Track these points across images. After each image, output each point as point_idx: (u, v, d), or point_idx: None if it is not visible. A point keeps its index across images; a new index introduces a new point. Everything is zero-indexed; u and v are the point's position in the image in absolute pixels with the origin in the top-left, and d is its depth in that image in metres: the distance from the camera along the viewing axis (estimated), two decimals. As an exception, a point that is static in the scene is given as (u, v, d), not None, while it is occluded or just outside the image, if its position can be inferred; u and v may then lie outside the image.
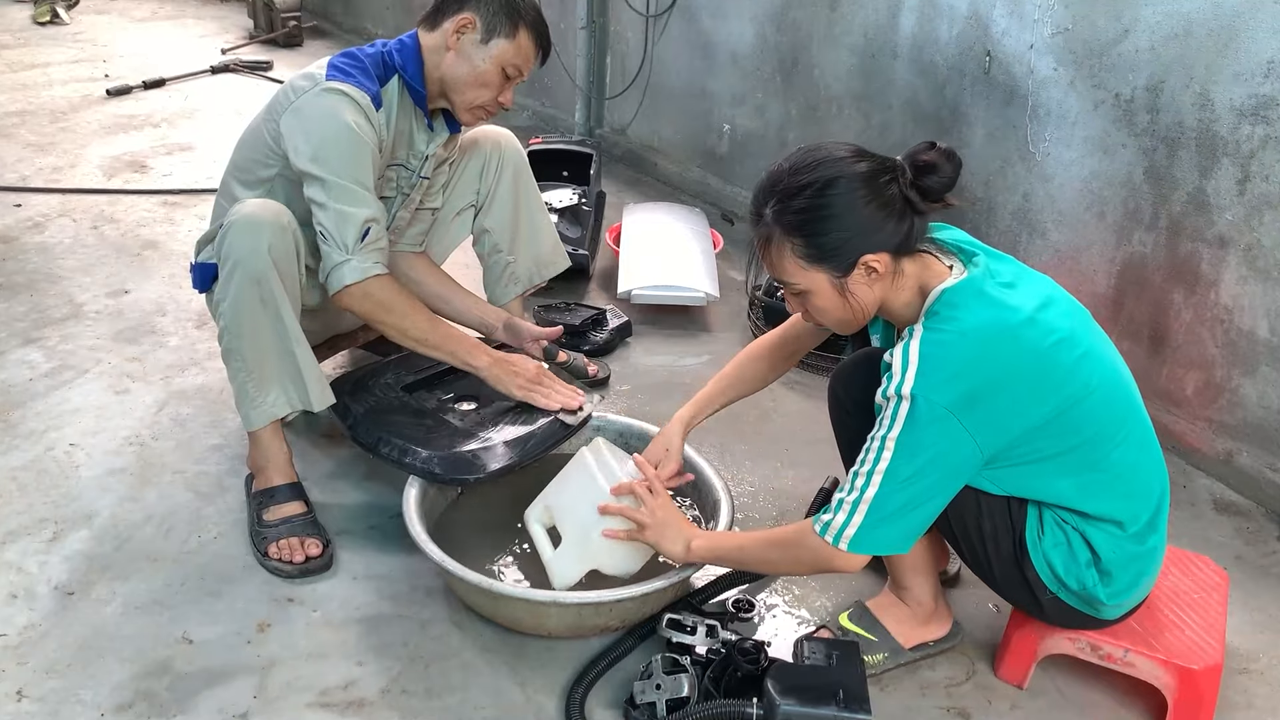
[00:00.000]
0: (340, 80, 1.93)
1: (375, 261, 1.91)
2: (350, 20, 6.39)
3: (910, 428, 1.38)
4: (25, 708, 1.56)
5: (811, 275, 1.46)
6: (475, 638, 1.74)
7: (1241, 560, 2.06)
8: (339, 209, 1.87)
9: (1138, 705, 1.66)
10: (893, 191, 1.42)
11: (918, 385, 1.37)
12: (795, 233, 1.44)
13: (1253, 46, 2.06)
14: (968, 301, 1.42)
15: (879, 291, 1.48)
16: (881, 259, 1.43)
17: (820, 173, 1.43)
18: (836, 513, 1.45)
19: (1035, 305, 1.43)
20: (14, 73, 5.14)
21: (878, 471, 1.41)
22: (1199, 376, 2.31)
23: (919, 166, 1.42)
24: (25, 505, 2.01)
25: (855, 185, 1.42)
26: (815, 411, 2.40)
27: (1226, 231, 2.18)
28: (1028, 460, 1.46)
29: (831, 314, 1.51)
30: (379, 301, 1.93)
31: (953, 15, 2.73)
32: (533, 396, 2.03)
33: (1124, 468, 1.49)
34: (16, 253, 3.13)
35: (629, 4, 3.97)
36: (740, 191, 3.69)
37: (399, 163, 2.14)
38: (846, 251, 1.43)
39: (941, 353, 1.38)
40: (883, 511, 1.41)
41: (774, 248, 1.47)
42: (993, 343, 1.39)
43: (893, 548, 1.46)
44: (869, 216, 1.41)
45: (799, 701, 1.45)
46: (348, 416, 1.97)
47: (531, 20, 2.03)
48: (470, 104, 2.06)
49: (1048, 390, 1.40)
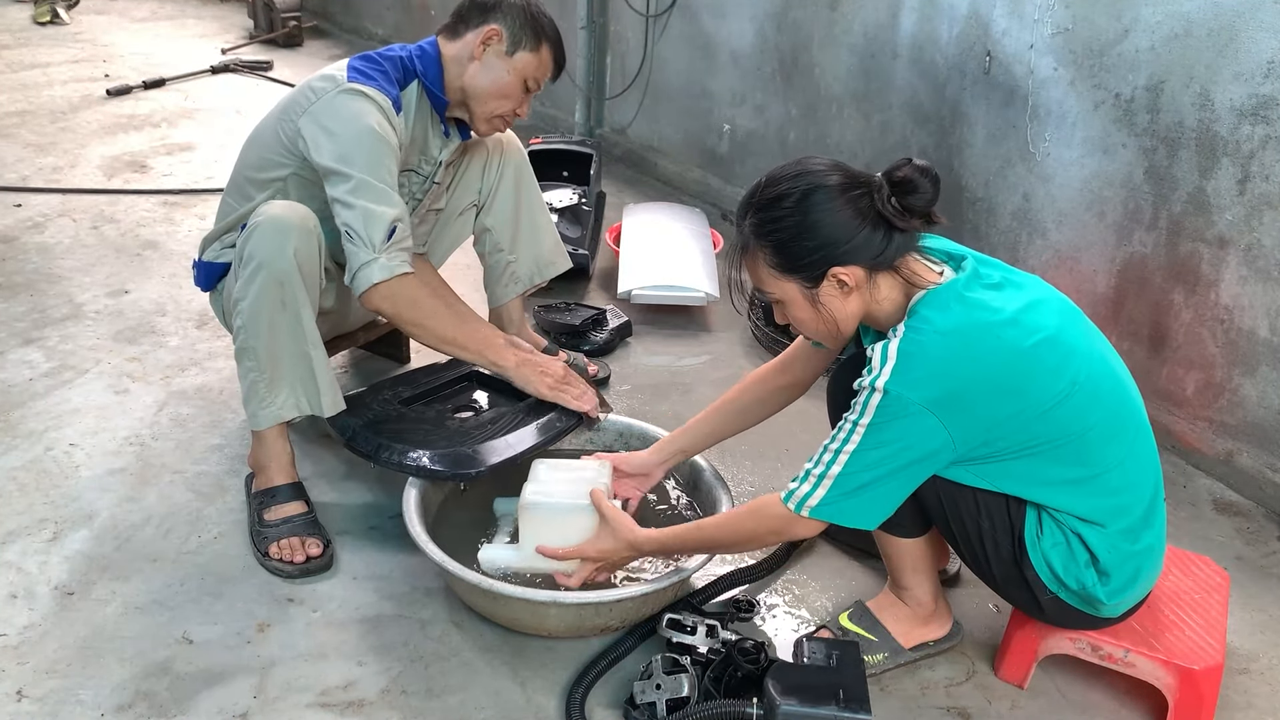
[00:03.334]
0: (362, 82, 1.94)
1: (403, 260, 1.90)
2: (350, 20, 6.39)
3: (879, 419, 1.41)
4: (25, 708, 1.56)
5: (784, 285, 1.50)
6: (475, 638, 1.74)
7: (1241, 560, 2.06)
8: (366, 207, 1.86)
9: (1138, 705, 1.66)
10: (865, 205, 1.44)
11: (891, 381, 1.40)
12: (766, 243, 1.48)
13: (1253, 46, 2.06)
14: (948, 303, 1.44)
15: (854, 305, 1.50)
16: (851, 272, 1.46)
17: (794, 184, 1.46)
18: (803, 483, 1.49)
19: (1019, 306, 1.44)
20: (14, 73, 5.14)
21: (844, 451, 1.44)
22: (1199, 376, 2.31)
23: (895, 182, 1.44)
24: (25, 505, 2.01)
25: (826, 198, 1.44)
26: (815, 411, 2.39)
27: (1226, 231, 2.18)
28: (1015, 456, 1.46)
29: (808, 324, 1.54)
30: (407, 300, 1.92)
31: (953, 15, 2.73)
32: (561, 396, 2.04)
33: (1113, 465, 1.49)
34: (16, 253, 3.13)
35: (629, 4, 3.97)
36: (740, 192, 3.65)
37: (412, 168, 2.16)
38: (815, 263, 1.46)
39: (919, 352, 1.40)
40: (845, 487, 1.45)
41: (749, 257, 1.52)
42: (971, 342, 1.41)
43: (855, 520, 1.48)
44: (838, 230, 1.44)
45: (799, 701, 1.45)
46: (346, 430, 1.97)
47: (552, 35, 2.07)
48: (490, 114, 2.08)
49: (1029, 388, 1.41)
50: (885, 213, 1.43)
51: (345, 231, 1.87)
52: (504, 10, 2.02)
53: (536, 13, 2.05)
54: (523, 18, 2.03)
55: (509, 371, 2.03)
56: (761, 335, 2.80)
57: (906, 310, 1.48)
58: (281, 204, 1.89)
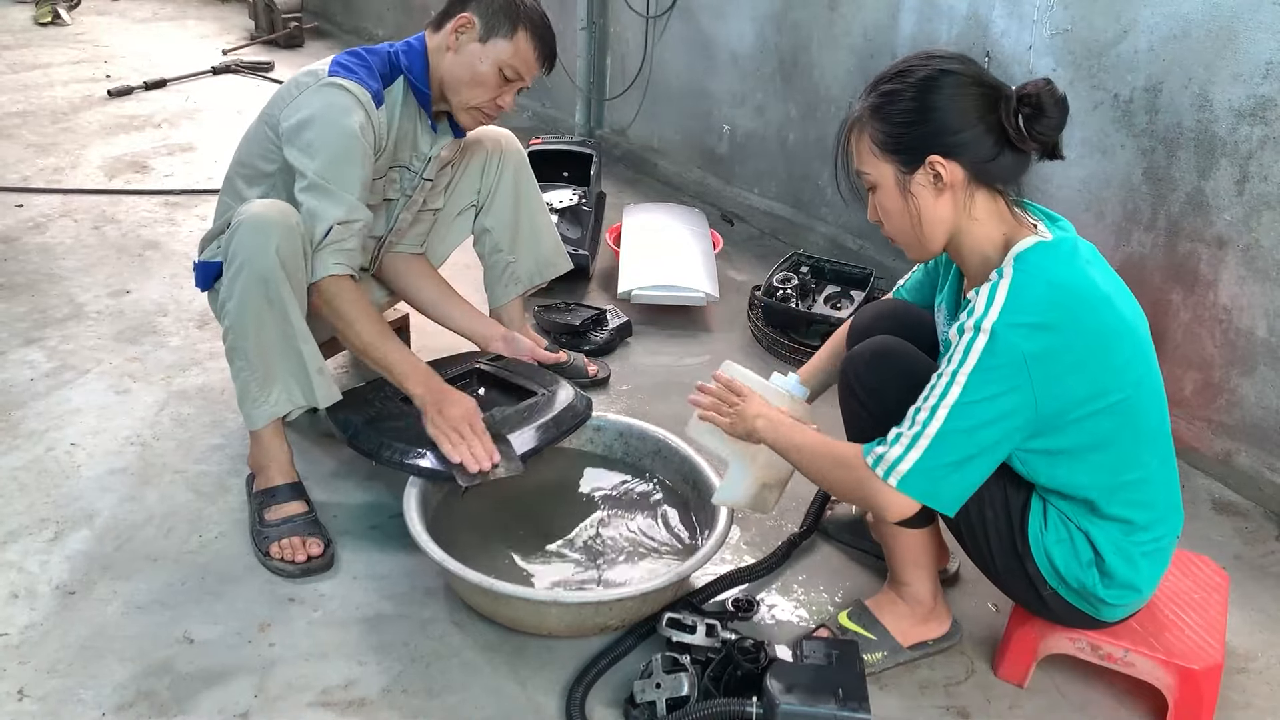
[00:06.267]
0: (342, 76, 1.94)
1: (336, 262, 1.90)
2: (351, 21, 6.39)
3: (986, 362, 1.33)
4: (26, 707, 1.56)
5: (880, 166, 1.45)
6: (476, 637, 1.75)
7: (1240, 560, 2.06)
8: (312, 206, 1.89)
9: (1138, 705, 1.66)
10: (986, 108, 1.39)
11: (1001, 320, 1.33)
12: (875, 116, 1.44)
13: (1251, 47, 2.07)
14: (1059, 259, 1.40)
15: (944, 209, 1.44)
16: (951, 168, 1.40)
17: (925, 64, 1.42)
18: (893, 445, 1.39)
19: (1111, 289, 1.42)
20: (15, 73, 5.14)
21: (944, 404, 1.35)
22: (1198, 376, 2.31)
23: (1023, 97, 1.39)
24: (26, 505, 2.01)
25: (950, 84, 1.40)
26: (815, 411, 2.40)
27: (1225, 232, 2.19)
28: (1059, 445, 1.42)
29: (894, 216, 1.47)
30: (330, 303, 1.93)
31: (952, 16, 2.73)
32: (439, 438, 1.87)
33: (1145, 473, 1.49)
34: (18, 253, 3.14)
35: (629, 5, 3.97)
36: (740, 192, 3.69)
37: (402, 164, 2.14)
38: (918, 145, 1.41)
39: (1031, 295, 1.35)
40: (941, 454, 1.35)
41: (855, 133, 1.47)
42: (1077, 303, 1.37)
43: (938, 500, 1.39)
44: (952, 118, 1.39)
45: (798, 700, 1.45)
46: (349, 428, 1.97)
47: (532, 23, 2.02)
48: (466, 104, 2.06)
49: (1105, 373, 1.39)
50: (1007, 125, 1.39)
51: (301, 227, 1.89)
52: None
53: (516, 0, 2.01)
54: (499, 4, 1.99)
55: (415, 400, 1.93)
56: (761, 335, 2.80)
57: (1007, 253, 1.41)
58: (263, 202, 1.90)
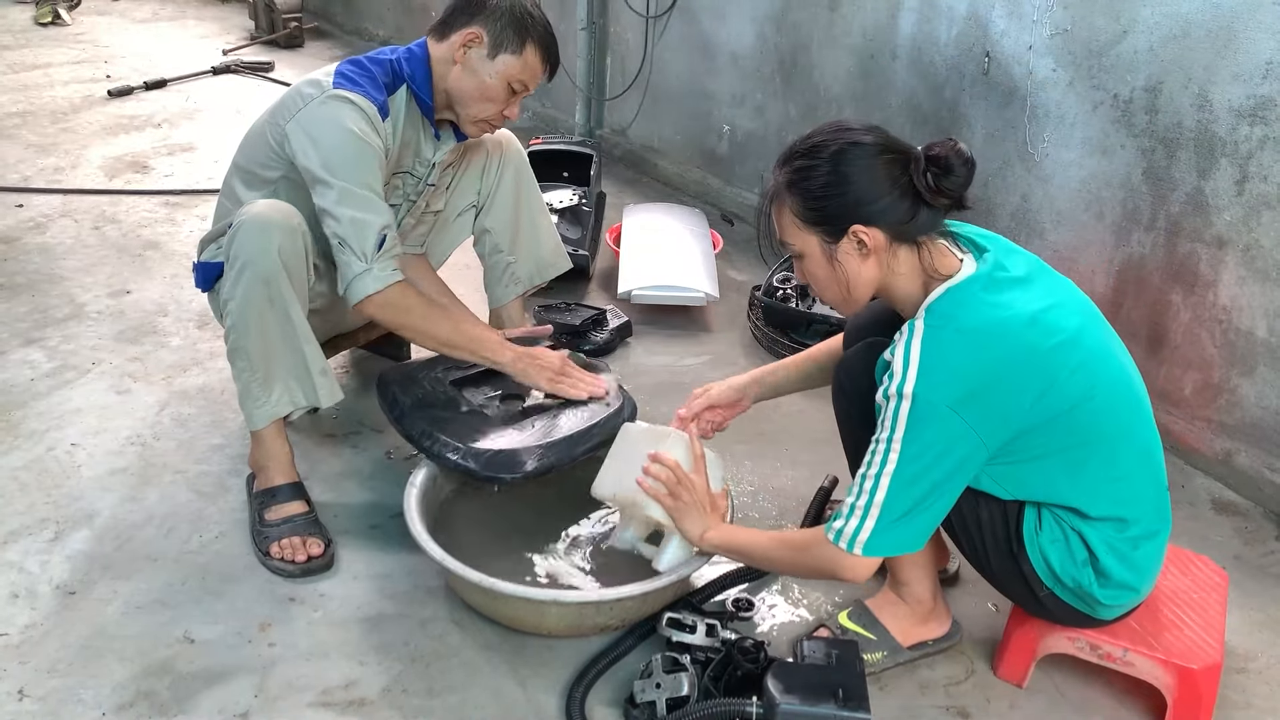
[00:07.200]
0: (347, 88, 1.94)
1: (394, 269, 1.92)
2: (351, 21, 6.40)
3: (913, 427, 1.39)
4: (26, 707, 1.56)
5: (806, 238, 1.50)
6: (476, 637, 1.75)
7: (1240, 560, 2.06)
8: (354, 216, 1.88)
9: (1137, 705, 1.66)
10: (898, 172, 1.44)
11: (919, 383, 1.38)
12: (795, 191, 1.48)
13: (1251, 47, 2.07)
14: (968, 299, 1.43)
15: (870, 271, 1.49)
16: (873, 234, 1.45)
17: (832, 138, 1.46)
18: (849, 519, 1.45)
19: (1041, 305, 1.43)
20: (15, 73, 5.15)
21: (885, 474, 1.41)
22: (1197, 377, 2.31)
23: (930, 158, 1.44)
24: (27, 505, 2.02)
25: (861, 155, 1.44)
26: (815, 411, 2.41)
27: (1225, 232, 2.19)
28: (1029, 458, 1.46)
29: (822, 282, 1.53)
30: (402, 307, 1.95)
31: (952, 16, 2.73)
32: (560, 388, 2.03)
33: (1126, 472, 1.49)
34: (18, 253, 3.14)
35: (629, 5, 3.97)
36: (740, 192, 3.69)
37: (406, 170, 2.15)
38: (839, 217, 1.46)
39: (941, 350, 1.39)
40: (893, 514, 1.42)
41: (777, 205, 1.52)
42: (990, 341, 1.40)
43: (906, 547, 1.46)
44: (868, 189, 1.44)
45: (798, 700, 1.45)
46: (395, 408, 1.98)
47: (540, 36, 2.02)
48: (475, 117, 2.07)
49: (1048, 391, 1.41)
50: (918, 185, 1.43)
51: (336, 242, 1.89)
52: (489, 11, 1.98)
53: (523, 13, 2.00)
54: (507, 19, 1.98)
55: (506, 368, 2.04)
56: (761, 335, 2.80)
57: (924, 300, 1.46)
58: (264, 203, 1.90)
